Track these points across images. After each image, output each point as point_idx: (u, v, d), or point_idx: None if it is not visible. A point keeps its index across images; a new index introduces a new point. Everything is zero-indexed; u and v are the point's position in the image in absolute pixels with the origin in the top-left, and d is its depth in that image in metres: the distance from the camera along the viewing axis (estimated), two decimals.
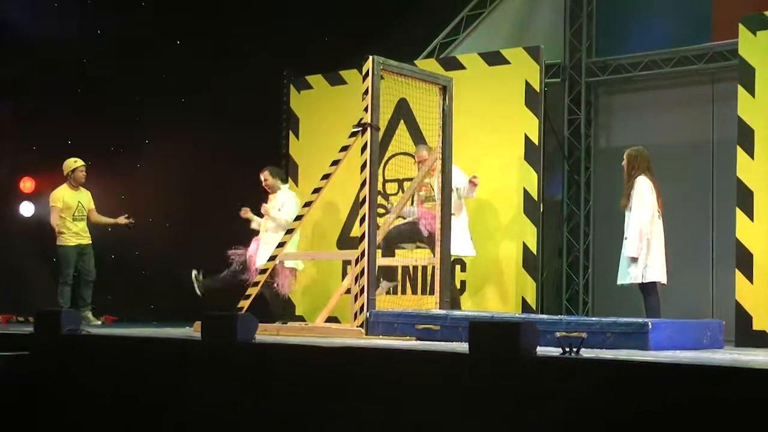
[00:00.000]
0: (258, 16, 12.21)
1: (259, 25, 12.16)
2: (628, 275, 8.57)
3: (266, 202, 10.51)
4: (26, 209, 12.14)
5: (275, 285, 10.05)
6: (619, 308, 9.45)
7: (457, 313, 8.21)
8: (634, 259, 8.49)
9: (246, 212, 10.62)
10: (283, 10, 12.23)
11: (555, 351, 5.65)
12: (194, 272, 10.41)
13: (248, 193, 11.90)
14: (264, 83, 12.26)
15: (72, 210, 10.88)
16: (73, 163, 11.07)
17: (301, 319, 11.20)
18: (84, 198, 11.06)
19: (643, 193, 8.51)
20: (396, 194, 10.74)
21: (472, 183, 9.55)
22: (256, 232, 10.56)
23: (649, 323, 6.92)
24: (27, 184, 12.51)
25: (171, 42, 12.93)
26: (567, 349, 5.63)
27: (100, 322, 10.80)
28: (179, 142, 12.76)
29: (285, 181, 10.77)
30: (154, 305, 12.91)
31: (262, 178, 10.57)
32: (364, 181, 8.48)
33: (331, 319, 9.75)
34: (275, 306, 10.29)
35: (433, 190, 9.66)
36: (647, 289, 8.59)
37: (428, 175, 9.67)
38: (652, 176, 8.64)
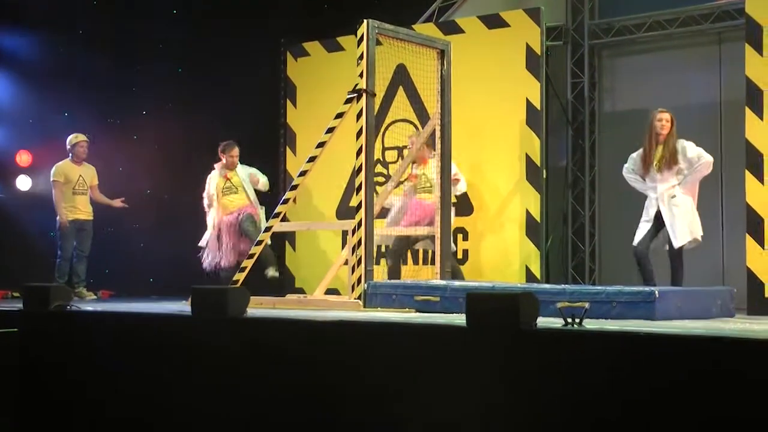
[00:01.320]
0: None
1: None
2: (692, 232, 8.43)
3: (225, 176, 10.52)
4: (23, 183, 12.00)
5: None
6: (628, 276, 9.21)
7: (456, 283, 7.97)
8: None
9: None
10: None
11: (558, 322, 5.42)
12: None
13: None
14: (261, 51, 12.01)
15: (72, 184, 10.79)
16: (74, 138, 11.00)
17: (300, 291, 10.99)
18: (86, 173, 10.97)
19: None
20: (395, 162, 10.51)
21: (455, 180, 9.32)
22: None
23: (656, 291, 6.68)
24: (24, 158, 12.36)
25: (168, 11, 12.71)
26: (569, 321, 5.41)
27: (94, 297, 10.61)
28: (176, 113, 12.62)
29: None
30: (153, 278, 12.76)
31: (235, 153, 10.55)
32: (360, 148, 8.24)
33: (332, 291, 9.54)
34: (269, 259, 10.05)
35: (429, 180, 9.43)
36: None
37: (422, 162, 9.45)
38: None
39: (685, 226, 8.35)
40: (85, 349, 7.02)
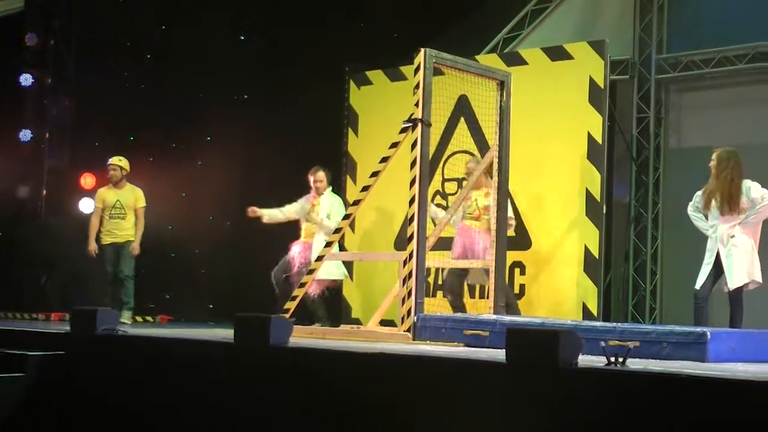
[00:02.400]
0: (319, 12, 11.96)
1: (321, 21, 11.93)
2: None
3: (311, 202, 10.25)
4: (86, 206, 12.07)
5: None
6: (690, 316, 8.93)
7: (506, 318, 7.81)
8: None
9: (254, 212, 10.29)
10: (346, 5, 11.95)
11: (603, 361, 5.24)
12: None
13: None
14: (326, 79, 12.00)
15: (109, 209, 10.51)
16: (109, 162, 10.73)
17: (357, 321, 10.89)
18: (125, 197, 10.56)
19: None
20: (455, 194, 10.36)
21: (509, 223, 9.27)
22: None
23: (708, 332, 6.45)
24: (88, 180, 12.50)
25: (234, 39, 12.82)
26: (612, 360, 5.24)
27: (129, 322, 10.38)
28: (239, 140, 12.68)
29: (330, 184, 10.48)
30: (213, 304, 12.80)
31: (318, 178, 10.28)
32: (414, 179, 8.15)
33: (388, 323, 9.42)
34: (313, 308, 10.00)
35: (477, 205, 9.31)
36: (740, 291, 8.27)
37: (479, 186, 9.33)
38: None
39: (742, 268, 8.13)
40: (127, 372, 7.04)
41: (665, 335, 6.55)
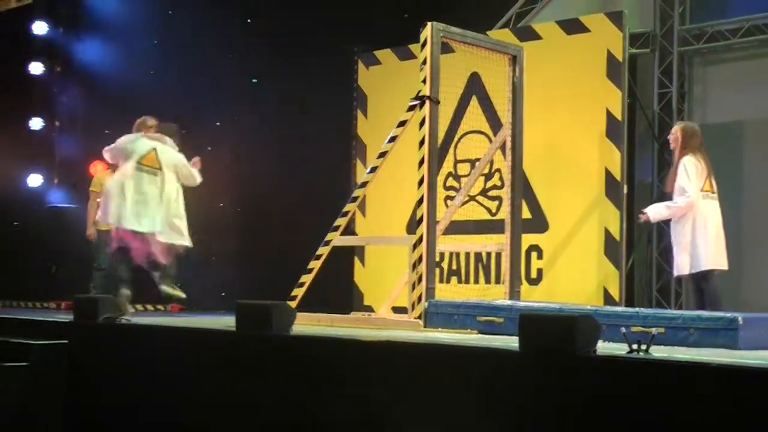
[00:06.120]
0: None
1: (330, 1, 11.57)
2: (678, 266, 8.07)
3: None
4: None
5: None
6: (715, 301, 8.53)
7: (522, 304, 7.44)
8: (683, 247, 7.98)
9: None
10: None
11: (624, 349, 4.88)
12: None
13: (316, 174, 11.41)
14: (334, 60, 11.66)
15: None
16: None
17: (369, 309, 10.54)
18: None
19: (688, 171, 7.98)
20: (467, 175, 9.97)
21: None
22: None
23: (740, 318, 6.03)
24: (98, 168, 12.28)
25: (242, 21, 12.53)
26: (635, 347, 4.86)
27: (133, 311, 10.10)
28: (248, 124, 12.43)
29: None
30: (224, 292, 12.54)
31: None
32: (423, 158, 7.78)
33: (401, 310, 9.07)
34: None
35: None
36: (702, 278, 7.99)
37: None
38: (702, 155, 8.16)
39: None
40: (129, 360, 6.93)
41: (692, 321, 6.16)
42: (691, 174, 7.98)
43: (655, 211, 8.15)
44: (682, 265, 8.02)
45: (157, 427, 6.65)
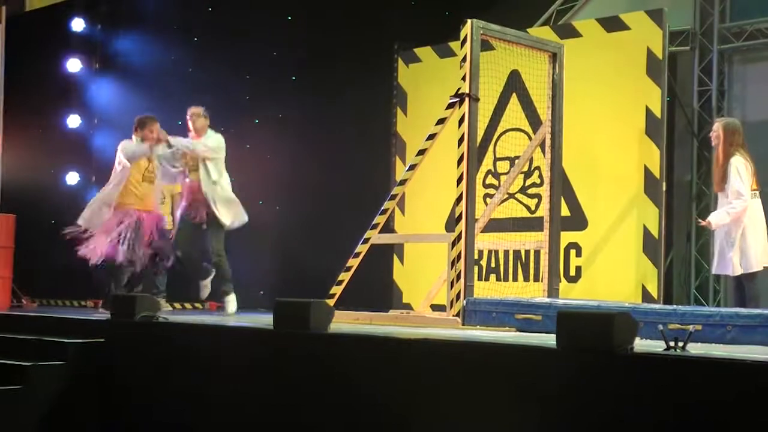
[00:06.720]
0: None
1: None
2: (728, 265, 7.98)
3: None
4: None
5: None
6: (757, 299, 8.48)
7: (560, 301, 7.45)
8: (731, 247, 7.91)
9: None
10: None
11: (661, 346, 4.88)
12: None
13: (356, 171, 11.43)
14: (375, 58, 11.67)
15: None
16: None
17: (408, 307, 10.57)
18: None
19: (740, 172, 7.92)
20: (507, 173, 9.98)
21: None
22: None
23: None
24: None
25: (282, 18, 12.56)
26: (671, 344, 4.86)
27: (170, 309, 10.21)
28: (287, 122, 12.44)
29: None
30: (263, 291, 12.58)
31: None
32: (462, 156, 7.80)
33: (440, 308, 9.10)
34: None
35: None
36: (748, 277, 7.91)
37: None
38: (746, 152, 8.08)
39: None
40: (166, 359, 6.95)
41: (730, 318, 6.16)
42: (743, 175, 7.94)
43: (717, 218, 8.04)
44: (735, 266, 7.95)
45: (193, 426, 6.68)
